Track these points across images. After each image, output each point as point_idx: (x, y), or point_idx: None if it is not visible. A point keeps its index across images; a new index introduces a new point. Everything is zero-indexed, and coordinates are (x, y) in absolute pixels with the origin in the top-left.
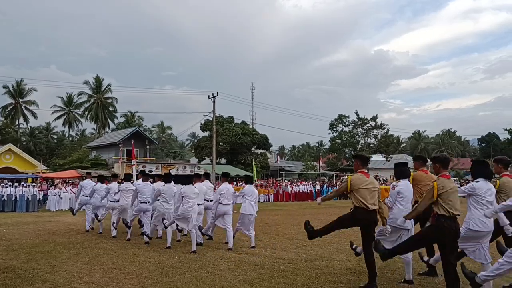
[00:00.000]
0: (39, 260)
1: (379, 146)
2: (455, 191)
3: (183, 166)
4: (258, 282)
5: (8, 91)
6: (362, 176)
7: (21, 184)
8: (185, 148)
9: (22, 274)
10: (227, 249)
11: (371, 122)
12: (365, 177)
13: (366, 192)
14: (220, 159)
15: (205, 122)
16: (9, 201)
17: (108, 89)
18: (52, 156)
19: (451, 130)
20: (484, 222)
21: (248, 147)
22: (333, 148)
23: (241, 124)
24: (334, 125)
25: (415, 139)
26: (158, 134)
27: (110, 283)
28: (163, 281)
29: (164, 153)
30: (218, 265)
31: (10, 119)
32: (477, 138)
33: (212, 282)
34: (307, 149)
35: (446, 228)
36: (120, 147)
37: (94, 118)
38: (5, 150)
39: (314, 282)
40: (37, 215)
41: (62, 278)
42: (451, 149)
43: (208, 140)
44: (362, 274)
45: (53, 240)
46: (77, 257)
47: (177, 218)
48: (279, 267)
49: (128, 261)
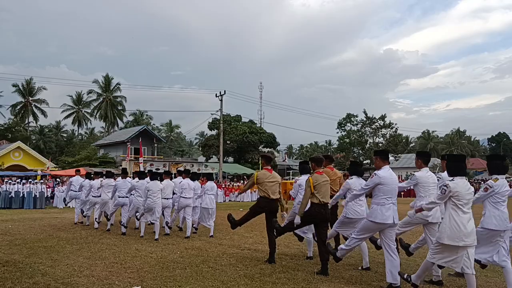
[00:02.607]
0: (41, 254)
1: (388, 146)
2: (326, 183)
3: (191, 164)
4: (259, 277)
5: (18, 90)
6: (266, 172)
7: (28, 181)
8: (193, 147)
9: (22, 267)
10: (185, 237)
11: (379, 121)
12: (269, 173)
13: (269, 184)
14: (227, 158)
15: (212, 120)
16: (17, 198)
17: (117, 88)
18: (61, 154)
19: (460, 130)
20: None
21: (255, 146)
22: (341, 148)
23: (249, 123)
24: (343, 124)
25: (424, 138)
26: (166, 133)
27: (110, 276)
28: (163, 276)
29: (172, 151)
30: (219, 261)
31: (20, 117)
32: (487, 138)
33: (213, 276)
34: (316, 148)
35: (317, 213)
36: (128, 145)
37: (103, 116)
38: (14, 148)
39: (315, 277)
40: (44, 211)
41: (62, 272)
42: (460, 148)
43: (215, 138)
44: (364, 271)
45: (57, 235)
46: (79, 251)
47: (145, 210)
48: (280, 263)
49: (129, 256)
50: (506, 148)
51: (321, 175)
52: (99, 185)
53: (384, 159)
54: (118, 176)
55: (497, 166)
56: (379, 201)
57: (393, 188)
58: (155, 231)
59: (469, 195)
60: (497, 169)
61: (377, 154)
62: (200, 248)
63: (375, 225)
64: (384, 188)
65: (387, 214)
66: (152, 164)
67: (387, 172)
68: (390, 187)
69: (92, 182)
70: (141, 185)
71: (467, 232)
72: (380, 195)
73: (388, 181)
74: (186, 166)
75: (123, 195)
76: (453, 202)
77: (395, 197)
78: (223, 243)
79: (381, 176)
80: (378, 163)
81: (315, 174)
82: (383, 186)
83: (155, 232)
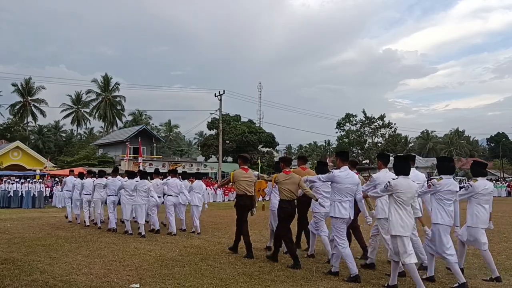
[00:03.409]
0: (40, 252)
1: (387, 145)
2: (289, 181)
3: (190, 164)
4: (258, 274)
5: (17, 89)
6: (242, 171)
7: (27, 180)
8: (193, 147)
9: (21, 265)
10: (167, 233)
11: (378, 121)
12: (244, 172)
13: (245, 183)
14: (226, 157)
15: (211, 120)
16: (16, 197)
17: (116, 87)
18: (60, 154)
19: (459, 130)
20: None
21: (254, 146)
22: (340, 147)
23: (248, 123)
24: (342, 124)
25: (423, 138)
26: (165, 133)
27: (108, 274)
28: (162, 273)
29: (171, 151)
30: (218, 259)
31: (19, 117)
32: (486, 138)
33: (211, 274)
34: (315, 148)
35: (284, 208)
36: (127, 145)
37: (102, 116)
38: (13, 148)
39: (314, 275)
40: (43, 211)
41: (61, 270)
42: (459, 148)
43: (214, 138)
44: (363, 269)
45: (56, 234)
46: (78, 250)
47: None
48: (280, 261)
49: (128, 254)
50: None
51: (286, 174)
52: (91, 184)
53: (343, 160)
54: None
55: (445, 167)
56: (336, 198)
57: (347, 187)
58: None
59: (410, 194)
60: (444, 170)
61: (337, 155)
62: (199, 246)
63: (340, 220)
64: (339, 186)
65: (343, 210)
66: (151, 164)
67: (343, 172)
68: (343, 185)
69: (84, 181)
70: (130, 184)
71: (405, 225)
72: (336, 192)
73: (343, 180)
74: (185, 166)
75: (113, 193)
76: (395, 198)
77: (351, 196)
78: (222, 242)
79: (335, 174)
80: (338, 163)
81: (281, 173)
82: (337, 184)
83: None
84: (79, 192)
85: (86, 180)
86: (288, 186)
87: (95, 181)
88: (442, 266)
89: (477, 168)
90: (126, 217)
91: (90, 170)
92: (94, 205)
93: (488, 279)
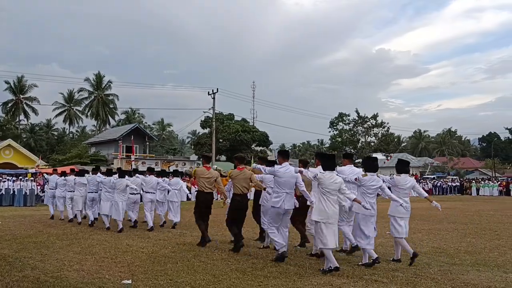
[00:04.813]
0: (31, 249)
1: (379, 145)
2: (241, 177)
3: (183, 162)
4: (250, 271)
5: (9, 87)
6: (204, 169)
7: (19, 178)
8: (186, 145)
9: (12, 262)
10: (147, 230)
11: (371, 121)
12: (206, 170)
13: (205, 180)
14: (220, 156)
15: (205, 119)
16: (7, 195)
17: (108, 85)
18: (52, 153)
19: (452, 130)
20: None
21: (248, 144)
22: (333, 147)
23: (241, 122)
24: (335, 123)
25: (416, 138)
26: (158, 131)
27: (100, 271)
28: (154, 270)
29: (164, 149)
30: (211, 255)
31: (11, 115)
32: (478, 138)
33: (204, 271)
34: (308, 147)
35: (236, 201)
36: (119, 143)
37: (94, 115)
38: (4, 146)
39: (307, 271)
40: (34, 209)
41: (52, 266)
42: (451, 148)
43: (208, 137)
44: (357, 265)
45: (47, 231)
46: (70, 247)
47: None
48: (273, 257)
49: (120, 251)
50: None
51: (239, 170)
52: (72, 182)
53: (284, 157)
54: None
55: (370, 165)
56: (275, 190)
57: (286, 181)
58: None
59: (333, 186)
60: (369, 168)
61: (279, 153)
62: (192, 243)
63: (273, 209)
64: (279, 180)
65: (276, 200)
66: (144, 163)
67: (283, 168)
68: (283, 180)
69: (67, 178)
70: (108, 181)
71: (328, 213)
72: (276, 185)
73: (283, 174)
74: (178, 164)
75: (93, 190)
76: (320, 189)
77: (290, 188)
78: (215, 239)
79: (276, 170)
80: (279, 160)
81: (234, 170)
82: (278, 178)
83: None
84: (62, 190)
85: (69, 177)
86: (241, 181)
87: (75, 178)
88: (435, 262)
89: (400, 167)
90: (105, 212)
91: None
92: (75, 203)
93: (391, 260)
